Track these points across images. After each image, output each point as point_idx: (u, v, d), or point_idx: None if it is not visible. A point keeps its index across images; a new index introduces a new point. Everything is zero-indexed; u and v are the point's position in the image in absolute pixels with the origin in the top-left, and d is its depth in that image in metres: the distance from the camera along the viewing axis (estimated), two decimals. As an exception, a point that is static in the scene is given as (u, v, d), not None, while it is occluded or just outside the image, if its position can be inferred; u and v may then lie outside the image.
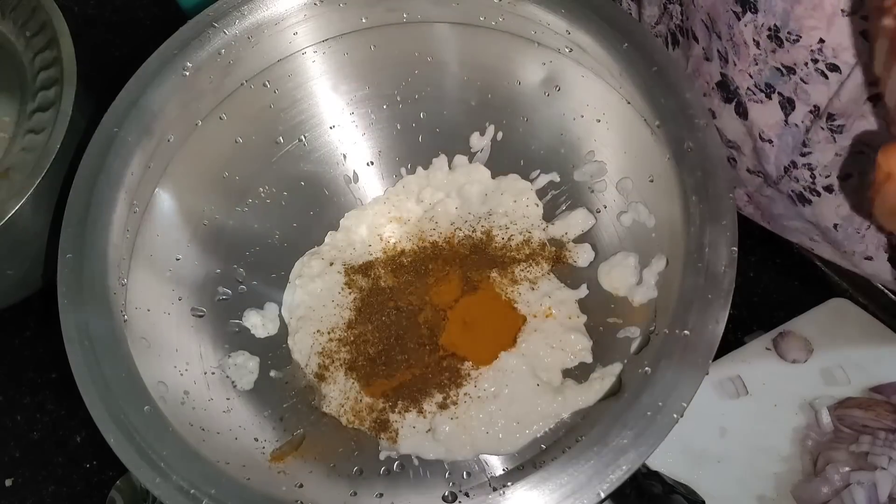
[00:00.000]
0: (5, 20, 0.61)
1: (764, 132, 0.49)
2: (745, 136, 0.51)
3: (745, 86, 0.48)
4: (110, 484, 0.55)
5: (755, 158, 0.51)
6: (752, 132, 0.50)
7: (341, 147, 0.60)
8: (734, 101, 0.50)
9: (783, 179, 0.51)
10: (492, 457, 0.50)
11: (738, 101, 0.49)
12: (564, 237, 0.56)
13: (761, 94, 0.47)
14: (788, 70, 0.45)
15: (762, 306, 0.59)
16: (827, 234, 0.52)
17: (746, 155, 0.52)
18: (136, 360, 0.43)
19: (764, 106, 0.48)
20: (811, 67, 0.43)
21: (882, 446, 0.49)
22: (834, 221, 0.50)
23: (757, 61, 0.46)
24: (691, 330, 0.39)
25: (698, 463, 0.52)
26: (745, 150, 0.52)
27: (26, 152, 0.54)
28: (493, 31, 0.54)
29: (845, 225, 0.50)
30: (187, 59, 0.51)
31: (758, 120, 0.49)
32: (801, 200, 0.51)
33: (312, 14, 0.54)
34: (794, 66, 0.44)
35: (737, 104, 0.49)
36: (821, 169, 0.48)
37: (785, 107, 0.47)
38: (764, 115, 0.48)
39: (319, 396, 0.53)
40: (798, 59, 0.44)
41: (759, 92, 0.47)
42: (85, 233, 0.46)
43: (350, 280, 0.57)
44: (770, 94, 0.47)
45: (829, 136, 0.46)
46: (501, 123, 0.58)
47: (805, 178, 0.49)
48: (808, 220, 0.52)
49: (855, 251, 0.52)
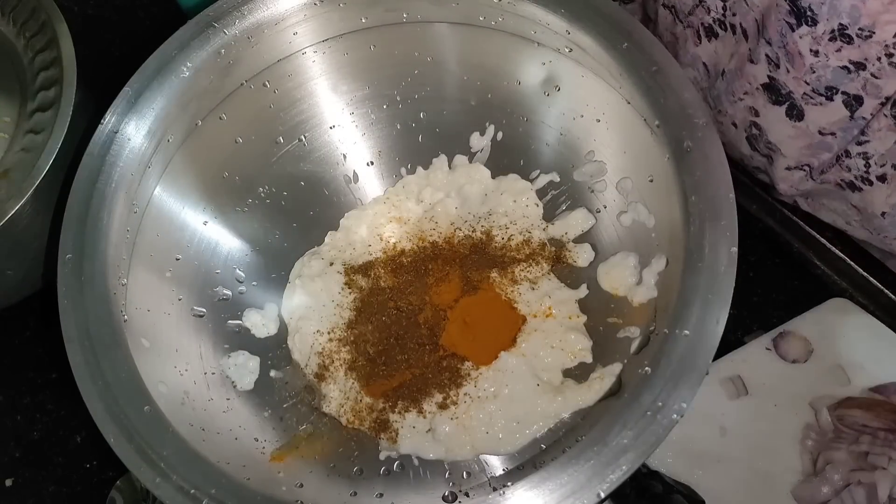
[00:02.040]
0: (5, 20, 0.60)
1: (825, 128, 0.48)
2: (795, 136, 0.50)
3: (801, 91, 0.47)
4: (110, 484, 0.55)
5: (803, 155, 0.50)
6: (809, 130, 0.49)
7: (341, 147, 0.60)
8: (786, 104, 0.49)
9: (832, 168, 0.50)
10: (492, 457, 0.50)
11: (790, 104, 0.48)
12: (564, 237, 0.56)
13: (820, 98, 0.47)
14: (858, 66, 0.44)
15: (762, 306, 0.59)
16: (871, 220, 0.51)
17: (788, 156, 0.51)
18: (136, 360, 0.43)
19: (824, 108, 0.47)
20: (885, 62, 0.42)
21: (882, 446, 0.49)
22: (883, 210, 0.50)
23: (814, 69, 0.45)
24: (691, 330, 0.39)
25: (698, 463, 0.52)
26: (789, 151, 0.51)
27: (26, 152, 0.54)
28: (493, 31, 0.54)
29: (893, 213, 0.49)
30: (187, 59, 0.51)
31: (818, 119, 0.48)
32: (850, 188, 0.50)
33: (312, 14, 0.54)
34: (865, 62, 0.43)
35: (789, 107, 0.49)
36: (877, 158, 0.47)
37: (850, 104, 0.46)
38: (825, 115, 0.47)
39: (319, 396, 0.53)
40: (870, 55, 0.43)
41: (818, 96, 0.47)
42: (85, 233, 0.46)
43: (350, 280, 0.57)
44: (832, 96, 0.46)
45: (892, 123, 0.45)
46: (501, 123, 0.58)
47: (859, 167, 0.48)
48: (853, 205, 0.51)
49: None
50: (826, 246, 0.59)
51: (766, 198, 0.60)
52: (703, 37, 0.54)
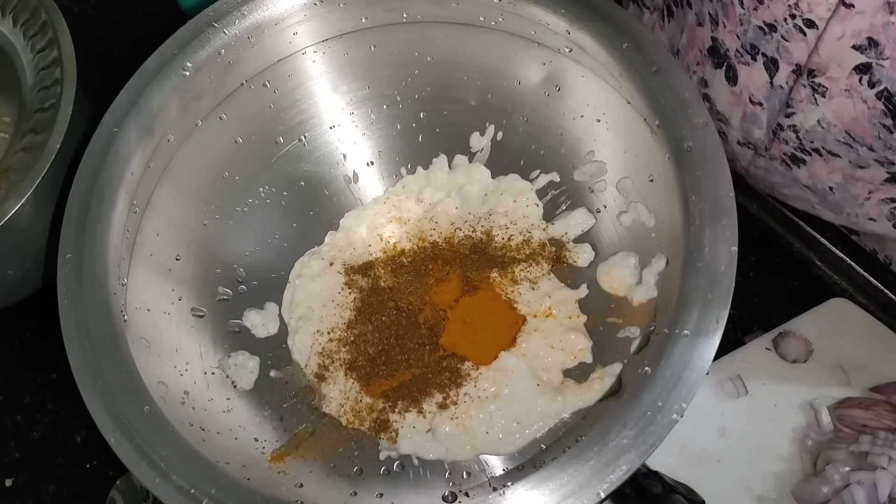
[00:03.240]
0: (5, 20, 0.60)
1: (753, 95, 0.50)
2: (735, 104, 0.52)
3: (734, 48, 0.49)
4: (110, 484, 0.55)
5: (745, 127, 0.52)
6: (742, 97, 0.51)
7: (341, 147, 0.60)
8: (724, 65, 0.51)
9: (774, 143, 0.51)
10: (492, 457, 0.50)
11: (728, 66, 0.50)
12: (564, 237, 0.56)
13: (748, 56, 0.48)
14: (770, 28, 0.45)
15: (762, 306, 0.59)
16: (825, 197, 0.52)
17: (735, 127, 0.53)
18: (136, 360, 0.43)
19: (751, 68, 0.49)
20: (790, 23, 0.44)
21: (882, 446, 0.49)
22: (829, 184, 0.51)
23: (742, 21, 0.47)
24: (691, 330, 0.39)
25: (698, 463, 0.52)
26: (734, 122, 0.53)
27: (26, 152, 0.54)
28: (493, 31, 0.54)
29: (841, 190, 0.51)
30: (187, 59, 0.51)
31: (747, 83, 0.50)
32: (794, 162, 0.51)
33: (312, 14, 0.54)
34: (775, 23, 0.45)
35: (727, 68, 0.51)
36: (804, 133, 0.49)
37: (769, 67, 0.48)
38: (752, 77, 0.49)
39: (319, 396, 0.53)
40: (778, 16, 0.44)
41: (746, 54, 0.48)
42: (85, 233, 0.46)
43: (350, 280, 0.57)
44: (755, 56, 0.48)
45: (811, 95, 0.46)
46: (501, 123, 0.58)
47: (792, 139, 0.50)
48: (804, 185, 0.53)
49: (858, 214, 0.52)
50: (826, 246, 0.59)
51: (766, 198, 0.60)
52: (666, 19, 0.56)
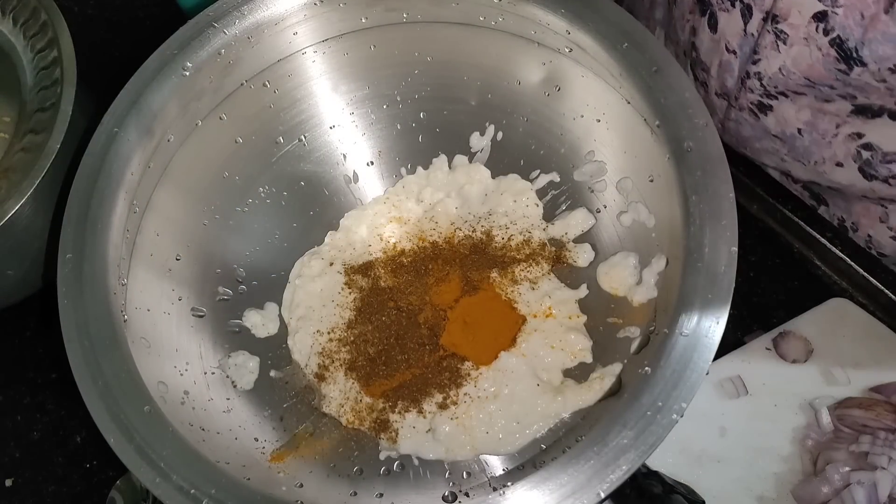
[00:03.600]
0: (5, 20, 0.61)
1: (729, 42, 0.52)
2: (714, 51, 0.54)
3: None
4: (110, 484, 0.55)
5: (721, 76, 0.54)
6: (720, 45, 0.53)
7: (341, 147, 0.60)
8: (708, 12, 0.53)
9: (741, 92, 0.53)
10: (492, 457, 0.50)
11: (710, 13, 0.53)
12: (564, 237, 0.56)
13: (727, 3, 0.51)
14: None
15: (762, 306, 0.59)
16: (794, 144, 0.53)
17: (714, 76, 0.55)
18: (136, 360, 0.43)
19: (730, 15, 0.51)
20: None
21: (882, 446, 0.49)
22: (797, 126, 0.52)
23: None
24: (691, 330, 0.39)
25: (698, 463, 0.52)
26: (713, 70, 0.55)
27: (26, 152, 0.54)
28: (493, 31, 0.54)
29: (809, 129, 0.52)
30: (187, 59, 0.51)
31: (725, 30, 0.52)
32: (761, 110, 0.53)
33: (312, 14, 0.54)
34: None
35: (710, 15, 0.53)
36: (767, 80, 0.50)
37: (745, 14, 0.50)
38: (730, 24, 0.52)
39: (319, 396, 0.53)
40: None
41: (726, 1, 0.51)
42: (85, 233, 0.46)
43: (350, 280, 0.57)
44: (734, 1, 0.50)
45: (774, 41, 0.48)
46: (501, 123, 0.58)
47: (757, 87, 0.52)
48: (773, 135, 0.54)
49: (825, 158, 0.53)
50: (826, 246, 0.59)
51: (766, 198, 0.60)
52: None
